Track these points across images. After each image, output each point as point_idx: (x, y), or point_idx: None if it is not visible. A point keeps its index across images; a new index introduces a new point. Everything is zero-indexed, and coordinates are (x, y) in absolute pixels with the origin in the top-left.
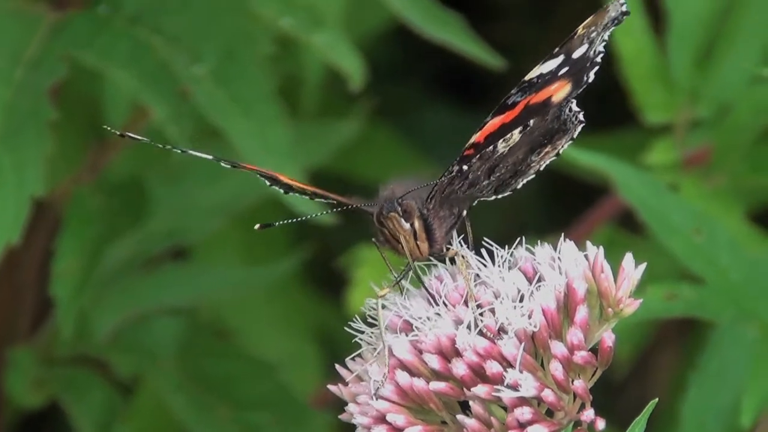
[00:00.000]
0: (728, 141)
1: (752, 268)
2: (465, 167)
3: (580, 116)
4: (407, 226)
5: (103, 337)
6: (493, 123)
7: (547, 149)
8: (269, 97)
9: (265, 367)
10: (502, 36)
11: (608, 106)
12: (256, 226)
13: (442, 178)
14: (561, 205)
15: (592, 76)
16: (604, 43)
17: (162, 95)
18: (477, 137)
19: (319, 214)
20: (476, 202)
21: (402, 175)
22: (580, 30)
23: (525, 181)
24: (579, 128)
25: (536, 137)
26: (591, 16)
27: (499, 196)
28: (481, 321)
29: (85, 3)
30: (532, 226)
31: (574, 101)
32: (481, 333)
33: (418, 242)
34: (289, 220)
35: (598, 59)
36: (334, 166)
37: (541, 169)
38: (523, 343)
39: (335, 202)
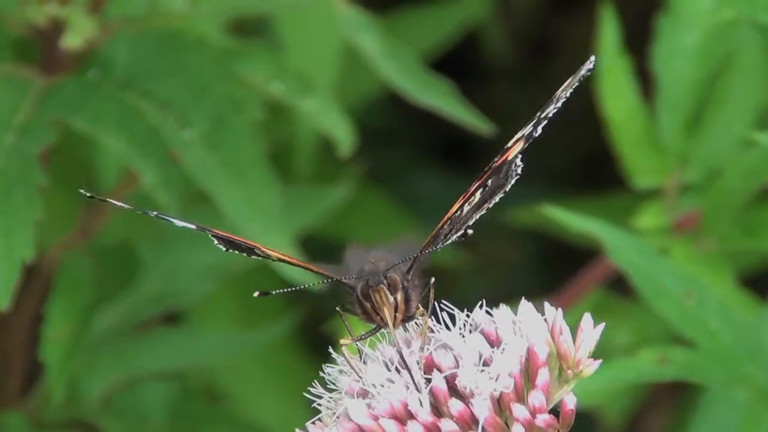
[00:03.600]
0: (718, 205)
1: (742, 331)
2: (441, 238)
3: (518, 170)
4: (392, 299)
5: (93, 402)
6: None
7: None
8: (259, 162)
9: None
10: (492, 99)
11: (597, 169)
12: (255, 294)
13: (423, 252)
14: (551, 270)
15: (539, 130)
16: (563, 101)
17: (151, 160)
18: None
19: (308, 285)
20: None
21: (365, 243)
22: (559, 93)
23: (455, 237)
24: (513, 180)
25: (487, 194)
26: (569, 79)
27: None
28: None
29: (74, 68)
30: (522, 291)
31: (521, 156)
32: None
33: (396, 314)
34: (285, 290)
35: (550, 114)
36: (325, 231)
37: (470, 223)
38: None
39: (318, 274)
